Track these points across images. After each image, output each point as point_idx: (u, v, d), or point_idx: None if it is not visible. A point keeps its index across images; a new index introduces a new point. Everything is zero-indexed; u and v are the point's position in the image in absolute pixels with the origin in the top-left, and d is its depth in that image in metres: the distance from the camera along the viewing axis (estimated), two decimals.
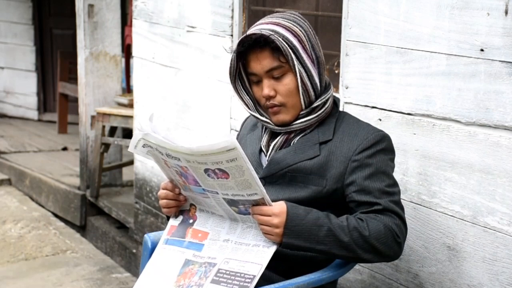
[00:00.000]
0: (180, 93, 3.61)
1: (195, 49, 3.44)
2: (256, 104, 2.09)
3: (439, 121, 2.19)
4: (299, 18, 2.03)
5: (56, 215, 5.12)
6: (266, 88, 2.01)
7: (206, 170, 1.84)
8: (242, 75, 2.08)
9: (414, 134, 2.27)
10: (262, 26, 1.99)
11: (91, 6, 4.79)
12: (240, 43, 1.99)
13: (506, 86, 1.98)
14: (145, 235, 2.22)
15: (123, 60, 5.87)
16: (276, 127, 2.07)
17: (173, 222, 2.07)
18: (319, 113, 2.04)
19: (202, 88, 3.43)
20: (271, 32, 1.95)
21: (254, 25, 2.04)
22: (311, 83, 2.01)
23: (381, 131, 2.04)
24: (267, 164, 2.07)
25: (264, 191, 1.86)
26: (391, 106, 2.34)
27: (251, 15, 3.14)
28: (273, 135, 2.11)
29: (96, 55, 4.85)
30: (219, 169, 1.81)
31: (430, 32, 2.18)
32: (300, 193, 2.01)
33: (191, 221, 2.05)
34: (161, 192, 2.06)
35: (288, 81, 2.00)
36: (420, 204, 2.28)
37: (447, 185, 2.19)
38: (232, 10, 3.15)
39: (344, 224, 1.91)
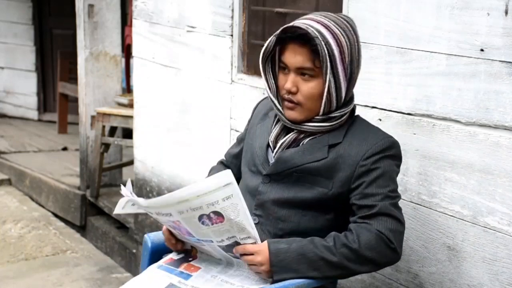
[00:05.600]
0: (180, 93, 3.61)
1: (195, 49, 3.44)
2: (278, 91, 2.06)
3: (439, 121, 2.19)
4: (349, 28, 1.98)
5: (56, 215, 5.12)
6: (290, 82, 1.98)
7: (200, 218, 1.84)
8: (275, 58, 2.04)
9: (414, 134, 2.27)
10: (311, 23, 1.94)
11: (91, 6, 4.78)
12: (284, 31, 1.95)
13: (506, 86, 1.98)
14: (145, 235, 2.23)
15: (123, 60, 5.87)
16: (287, 122, 2.04)
17: (173, 256, 2.11)
18: (334, 123, 2.01)
19: (202, 88, 3.43)
20: (317, 34, 1.90)
21: (304, 17, 1.99)
22: (336, 95, 1.97)
23: (391, 137, 2.02)
24: (274, 161, 2.05)
25: (257, 234, 1.89)
26: (391, 106, 2.34)
27: (251, 15, 3.14)
28: (282, 131, 2.08)
29: (96, 55, 4.85)
30: (214, 212, 1.81)
31: (430, 32, 2.18)
32: (306, 193, 2.00)
33: (190, 258, 2.09)
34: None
35: (313, 85, 1.97)
36: (420, 204, 2.28)
37: (447, 185, 2.19)
38: (232, 10, 3.15)
39: (330, 245, 1.90)
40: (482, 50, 2.03)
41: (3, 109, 7.84)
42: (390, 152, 1.99)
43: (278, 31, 1.97)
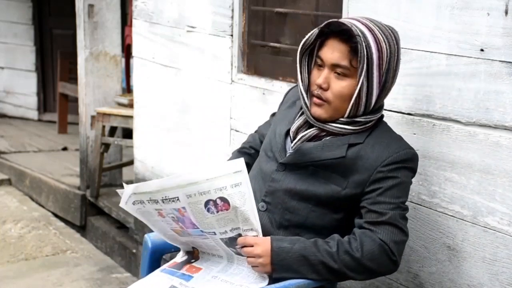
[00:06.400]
0: (180, 93, 3.61)
1: (195, 49, 3.44)
2: (309, 87, 2.05)
3: (439, 121, 2.19)
4: (393, 38, 1.97)
5: (56, 215, 5.12)
6: (323, 78, 1.97)
7: (206, 204, 1.85)
8: (313, 54, 2.03)
9: (414, 134, 2.27)
10: (356, 23, 1.93)
11: (91, 6, 4.78)
12: (327, 24, 1.95)
13: (506, 86, 1.98)
14: (145, 235, 2.23)
15: (123, 60, 5.86)
16: (311, 118, 2.03)
17: (177, 259, 2.12)
18: (357, 128, 2.00)
19: (202, 88, 3.42)
20: (359, 33, 1.89)
21: (351, 17, 1.98)
22: (366, 100, 1.96)
23: (413, 149, 2.02)
24: (292, 152, 2.04)
25: (260, 227, 1.89)
26: (391, 106, 2.34)
27: (251, 15, 3.14)
28: (305, 124, 2.07)
29: (96, 55, 4.85)
30: (220, 198, 1.83)
31: (430, 32, 2.18)
32: (319, 188, 1.99)
33: (193, 260, 2.10)
34: None
35: (345, 85, 1.96)
36: (420, 204, 2.28)
37: (447, 185, 2.19)
38: (232, 10, 3.15)
39: (333, 250, 1.90)
40: (482, 50, 2.03)
41: (3, 109, 7.84)
42: (410, 164, 1.99)
43: (322, 25, 1.96)
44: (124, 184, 1.95)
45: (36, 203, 5.37)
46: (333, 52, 1.95)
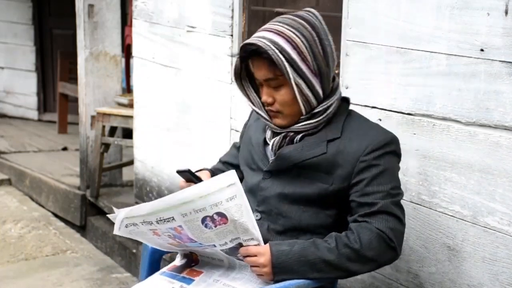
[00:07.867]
0: (180, 93, 3.61)
1: (195, 49, 3.44)
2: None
3: (439, 121, 2.19)
4: (305, 26, 1.97)
5: (56, 215, 5.12)
6: (265, 95, 2.02)
7: (203, 220, 1.83)
8: (251, 73, 2.07)
9: (414, 134, 2.27)
10: (264, 34, 1.96)
11: (91, 6, 4.78)
12: (241, 49, 1.99)
13: (506, 86, 1.98)
14: None
15: (123, 60, 5.86)
16: (277, 128, 2.07)
17: (176, 263, 2.11)
18: (320, 118, 2.02)
19: (202, 88, 3.43)
20: (268, 44, 1.92)
21: (263, 27, 2.01)
22: (312, 93, 1.98)
23: (391, 132, 2.03)
24: (274, 159, 2.06)
25: (260, 236, 1.89)
26: (391, 106, 2.34)
27: (251, 15, 3.14)
28: (273, 133, 2.10)
29: (96, 55, 4.85)
30: (217, 213, 1.81)
31: (430, 32, 2.18)
32: (306, 189, 2.01)
33: (193, 264, 2.09)
34: None
35: (284, 92, 1.99)
36: (420, 204, 2.28)
37: (447, 185, 2.19)
38: (232, 10, 3.15)
39: (332, 246, 1.91)
40: (482, 50, 2.03)
41: (3, 109, 7.84)
42: (391, 148, 2.00)
43: (238, 51, 2.01)
44: (115, 209, 1.93)
45: (36, 203, 5.37)
46: (259, 70, 1.99)
